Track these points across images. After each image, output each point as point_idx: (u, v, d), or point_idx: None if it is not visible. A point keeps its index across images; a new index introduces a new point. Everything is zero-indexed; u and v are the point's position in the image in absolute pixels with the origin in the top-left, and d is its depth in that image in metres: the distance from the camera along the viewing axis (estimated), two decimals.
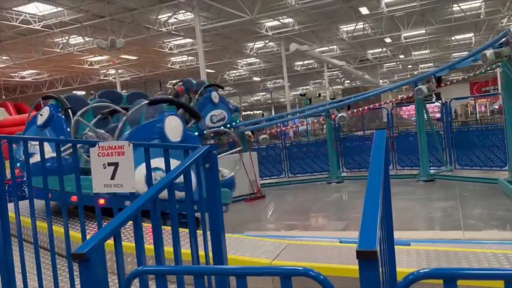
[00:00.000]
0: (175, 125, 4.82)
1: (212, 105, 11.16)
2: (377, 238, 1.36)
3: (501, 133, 10.51)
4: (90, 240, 1.83)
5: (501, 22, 25.95)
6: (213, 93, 11.24)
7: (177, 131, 4.80)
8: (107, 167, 2.75)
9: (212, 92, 11.25)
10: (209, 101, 11.16)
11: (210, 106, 11.14)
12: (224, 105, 11.55)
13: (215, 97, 11.22)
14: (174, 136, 4.75)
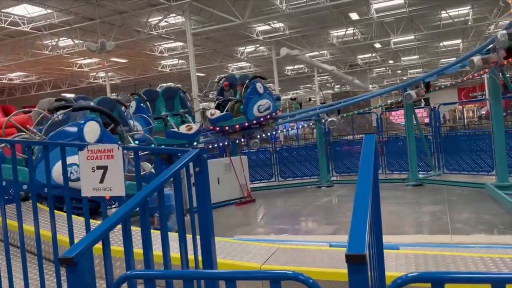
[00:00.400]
0: (93, 128, 5.54)
1: (258, 95, 11.66)
2: (366, 242, 1.37)
3: (488, 139, 10.66)
4: (78, 244, 1.81)
5: (488, 28, 26.34)
6: (258, 84, 11.73)
7: (95, 133, 5.50)
8: (96, 171, 2.73)
9: (256, 84, 11.73)
10: (255, 92, 11.65)
11: (256, 97, 11.64)
12: (268, 95, 12.08)
13: (259, 88, 11.71)
14: (90, 138, 5.45)
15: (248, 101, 11.57)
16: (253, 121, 11.67)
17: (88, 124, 5.58)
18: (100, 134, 5.60)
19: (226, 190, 11.22)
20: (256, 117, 11.64)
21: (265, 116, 11.79)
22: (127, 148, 3.02)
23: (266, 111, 11.75)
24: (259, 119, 11.71)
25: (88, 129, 5.56)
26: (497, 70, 8.98)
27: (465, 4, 21.64)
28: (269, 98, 11.94)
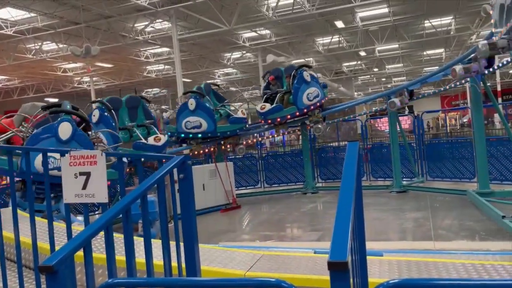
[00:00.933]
0: (66, 128, 6.64)
1: (306, 84, 11.61)
2: (348, 249, 1.38)
3: (470, 146, 10.85)
4: (59, 252, 1.79)
5: (470, 38, 26.91)
6: (305, 73, 11.67)
7: (67, 132, 6.62)
8: (79, 177, 2.70)
9: (303, 72, 11.66)
10: (302, 81, 11.60)
11: (304, 85, 11.59)
12: (316, 83, 11.97)
13: (307, 76, 11.65)
14: (64, 135, 6.61)
15: (297, 90, 11.55)
16: (304, 110, 11.65)
17: (62, 124, 6.67)
18: (72, 132, 6.66)
19: (212, 196, 11.18)
20: (306, 105, 11.62)
21: (315, 104, 11.74)
22: (111, 154, 2.99)
23: (315, 99, 11.71)
24: (309, 107, 11.68)
25: (62, 128, 6.64)
26: (478, 79, 9.17)
27: (448, 14, 22.10)
28: (317, 86, 11.88)
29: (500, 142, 10.73)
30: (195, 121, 11.05)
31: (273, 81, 12.50)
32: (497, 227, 7.05)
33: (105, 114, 8.75)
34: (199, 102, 10.99)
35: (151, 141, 9.28)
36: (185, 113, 11.17)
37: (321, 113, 12.10)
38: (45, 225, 4.10)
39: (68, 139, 6.56)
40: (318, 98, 11.81)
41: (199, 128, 11.09)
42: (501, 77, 33.82)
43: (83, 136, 6.74)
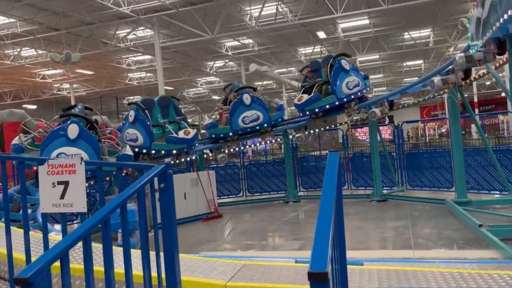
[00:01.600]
0: (73, 128, 7.85)
1: (345, 72, 11.11)
2: (329, 259, 1.39)
3: (448, 156, 11.06)
4: (35, 263, 1.74)
5: (448, 50, 27.59)
6: (343, 61, 11.19)
7: (74, 132, 7.83)
8: (57, 186, 2.65)
9: (341, 61, 11.20)
10: (341, 70, 11.12)
11: (343, 74, 11.09)
12: (355, 71, 11.47)
13: (345, 64, 11.17)
14: (72, 134, 7.83)
15: (335, 79, 11.04)
16: (344, 99, 11.07)
17: (70, 126, 7.89)
18: (78, 132, 7.85)
19: (193, 205, 11.10)
20: (346, 94, 11.04)
21: (356, 93, 11.15)
22: (90, 163, 2.95)
23: (355, 88, 11.13)
24: (350, 96, 11.10)
25: (70, 129, 7.86)
26: (455, 90, 9.38)
27: (427, 27, 22.64)
28: (356, 75, 11.36)
29: (477, 152, 10.97)
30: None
31: (309, 74, 12.09)
32: (474, 236, 7.18)
33: (140, 114, 9.83)
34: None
35: (181, 135, 10.14)
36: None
37: (357, 105, 11.41)
38: (21, 235, 4.01)
39: (75, 138, 7.81)
40: (359, 87, 11.16)
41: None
42: (477, 89, 34.71)
43: (89, 135, 7.98)
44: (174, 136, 10.17)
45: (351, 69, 11.31)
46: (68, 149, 7.81)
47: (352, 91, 11.15)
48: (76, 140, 7.80)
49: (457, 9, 19.03)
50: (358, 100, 11.40)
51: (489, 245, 6.46)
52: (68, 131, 7.82)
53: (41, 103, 33.93)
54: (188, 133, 10.22)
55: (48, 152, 7.66)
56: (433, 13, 19.88)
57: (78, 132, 7.85)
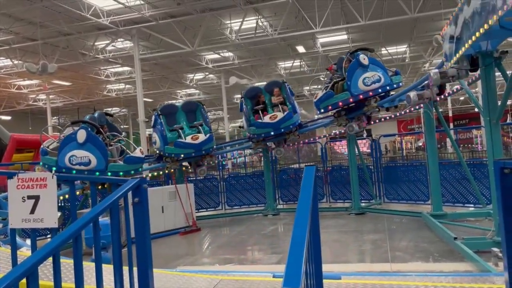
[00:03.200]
0: (82, 134, 8.89)
1: (362, 67, 10.45)
2: (302, 275, 1.37)
3: (425, 169, 11.25)
4: (1, 281, 1.68)
5: (424, 66, 28.29)
6: (361, 56, 10.54)
7: (83, 136, 8.87)
8: (27, 200, 2.57)
9: (359, 55, 10.56)
10: (358, 65, 10.47)
11: (360, 69, 10.45)
12: (377, 66, 10.69)
13: (363, 59, 10.49)
14: (80, 139, 8.86)
15: (351, 74, 10.39)
16: (359, 96, 10.33)
17: (79, 132, 8.92)
18: (86, 137, 8.85)
19: (171, 219, 10.95)
20: (362, 91, 10.30)
21: (375, 89, 10.31)
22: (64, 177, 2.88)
23: (374, 84, 10.30)
24: (367, 93, 10.31)
25: (79, 134, 8.87)
26: (431, 105, 9.59)
27: (403, 43, 23.20)
28: (378, 69, 10.54)
29: (452, 165, 11.19)
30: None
31: (333, 71, 11.63)
32: (449, 249, 7.28)
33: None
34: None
35: (188, 140, 10.69)
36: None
37: (377, 102, 10.64)
38: None
39: (84, 141, 8.80)
40: (379, 83, 10.33)
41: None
42: (452, 104, 35.59)
43: (96, 139, 8.90)
44: (180, 141, 10.74)
45: (371, 64, 10.59)
46: (78, 152, 8.85)
47: (369, 88, 10.32)
48: (84, 144, 8.79)
49: (432, 26, 19.59)
50: (379, 97, 10.62)
51: (464, 258, 6.56)
52: (78, 136, 8.86)
53: (16, 114, 33.16)
54: (196, 138, 10.73)
55: (63, 155, 8.91)
56: (409, 30, 20.41)
57: (85, 137, 8.82)
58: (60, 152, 9.04)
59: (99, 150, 8.88)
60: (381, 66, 10.85)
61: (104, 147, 8.95)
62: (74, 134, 8.98)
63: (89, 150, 8.87)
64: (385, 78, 10.52)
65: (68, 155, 8.91)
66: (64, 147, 8.97)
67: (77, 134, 8.93)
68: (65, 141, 9.05)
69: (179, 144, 10.76)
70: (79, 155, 8.88)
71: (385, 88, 10.50)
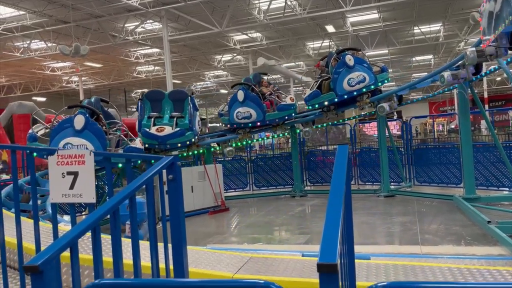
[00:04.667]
0: (80, 119, 7.98)
1: (347, 68, 10.88)
2: (338, 251, 1.38)
3: (457, 152, 10.97)
4: (45, 252, 1.76)
5: (458, 45, 27.29)
6: (347, 56, 10.95)
7: (81, 122, 7.94)
8: (66, 176, 2.67)
9: (346, 56, 10.95)
10: (343, 65, 10.90)
11: (345, 70, 10.89)
12: (362, 66, 11.08)
13: (349, 60, 10.90)
14: (78, 125, 7.94)
15: (336, 75, 10.92)
16: (344, 96, 10.96)
17: (77, 117, 8.02)
18: (84, 123, 7.96)
19: (200, 198, 11.14)
20: (346, 91, 10.89)
21: (359, 90, 10.89)
22: (98, 153, 2.97)
23: (358, 85, 10.85)
24: (352, 93, 10.92)
25: (77, 119, 7.99)
26: (466, 85, 9.29)
27: (437, 21, 22.38)
28: (363, 69, 10.98)
29: (486, 148, 10.87)
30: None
31: (321, 67, 11.98)
32: (482, 232, 7.13)
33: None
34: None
35: (153, 131, 10.17)
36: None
37: (370, 98, 11.16)
38: (31, 225, 4.05)
39: (81, 128, 7.90)
40: (363, 83, 10.88)
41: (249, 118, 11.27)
42: (488, 84, 34.35)
43: (95, 126, 8.06)
44: (145, 130, 10.26)
45: (356, 64, 10.98)
46: (74, 139, 7.79)
47: (354, 88, 10.91)
48: (82, 131, 7.84)
49: (468, 3, 18.79)
50: (370, 93, 11.15)
51: (497, 242, 6.41)
52: (75, 122, 7.94)
53: (51, 96, 34.15)
54: (162, 130, 10.02)
55: (56, 142, 7.80)
56: (444, 8, 19.65)
57: (84, 123, 7.94)
58: (52, 138, 8.04)
59: (97, 139, 7.88)
60: (367, 65, 11.27)
61: (103, 136, 8.02)
62: (71, 120, 8.02)
63: (86, 138, 7.84)
64: (370, 78, 11.02)
65: (62, 143, 7.79)
66: (58, 133, 7.94)
67: (74, 119, 7.95)
68: (59, 127, 8.08)
69: (144, 133, 10.25)
70: (75, 143, 7.79)
71: (369, 87, 11.04)
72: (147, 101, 11.02)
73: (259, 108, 11.34)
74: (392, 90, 12.04)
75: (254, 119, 11.40)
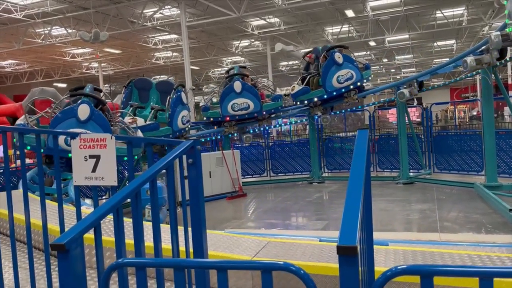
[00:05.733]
0: (84, 109, 7.35)
1: (337, 66, 11.26)
2: (357, 234, 1.38)
3: (479, 139, 10.76)
4: (70, 231, 1.81)
5: (482, 30, 26.51)
6: (336, 54, 11.30)
7: (85, 112, 7.33)
8: (88, 160, 2.72)
9: (335, 53, 11.31)
10: (333, 63, 11.27)
11: (334, 67, 11.26)
12: (350, 64, 11.50)
13: (338, 57, 11.27)
14: (82, 115, 7.32)
15: (326, 72, 11.27)
16: (333, 93, 11.35)
17: (80, 106, 7.37)
18: (89, 113, 7.36)
19: (218, 183, 11.23)
20: (335, 88, 11.28)
21: (347, 87, 11.32)
22: (121, 138, 3.02)
23: (347, 82, 11.30)
24: (340, 90, 11.35)
25: (81, 109, 7.34)
26: (489, 71, 9.06)
27: (460, 5, 21.76)
28: (351, 67, 11.42)
29: (510, 135, 10.66)
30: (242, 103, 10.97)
31: (312, 60, 12.17)
32: (503, 220, 7.03)
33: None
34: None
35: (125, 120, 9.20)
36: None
37: (357, 94, 11.62)
38: (54, 208, 4.16)
39: (86, 119, 7.29)
40: (351, 80, 11.27)
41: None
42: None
43: (100, 117, 7.47)
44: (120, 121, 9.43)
45: (345, 62, 11.33)
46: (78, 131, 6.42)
47: (342, 85, 11.30)
48: (86, 122, 7.22)
49: None
50: (357, 90, 11.61)
51: None
52: (79, 112, 7.28)
53: (71, 82, 34.63)
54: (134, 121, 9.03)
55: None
56: None
57: (89, 113, 7.31)
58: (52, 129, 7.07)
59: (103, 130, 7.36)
60: (352, 62, 11.62)
61: (109, 127, 7.50)
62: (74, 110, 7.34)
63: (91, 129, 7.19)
64: (357, 75, 11.43)
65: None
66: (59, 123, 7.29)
67: (77, 109, 7.30)
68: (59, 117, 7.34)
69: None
70: None
71: (356, 84, 11.45)
72: (135, 89, 10.50)
73: (256, 99, 11.24)
74: (413, 76, 11.85)
75: (252, 110, 11.22)
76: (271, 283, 1.49)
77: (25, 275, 3.35)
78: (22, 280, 3.13)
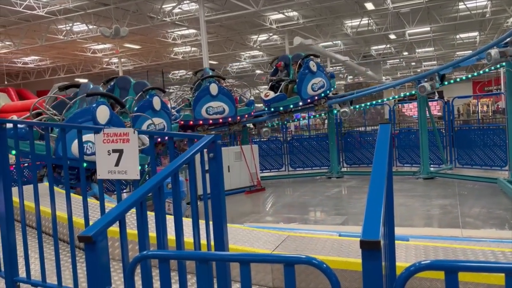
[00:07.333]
0: (104, 111, 6.68)
1: (311, 74, 11.72)
2: (380, 229, 1.38)
3: (503, 133, 10.53)
4: (96, 224, 1.85)
5: (507, 21, 25.82)
6: (311, 62, 11.77)
7: (105, 115, 6.66)
8: (112, 154, 2.77)
9: (310, 62, 11.75)
10: (308, 71, 11.72)
11: (309, 75, 11.72)
12: (322, 73, 12.03)
13: (313, 66, 11.74)
14: (102, 119, 6.62)
15: (301, 80, 11.63)
16: (307, 100, 11.75)
17: (100, 108, 6.66)
18: (109, 116, 6.75)
19: (236, 178, 11.29)
20: (310, 96, 11.71)
21: (320, 94, 11.83)
22: (143, 132, 3.08)
23: (320, 90, 11.79)
24: (314, 98, 11.78)
25: (100, 111, 6.66)
26: None
27: None
28: (322, 76, 11.91)
29: None
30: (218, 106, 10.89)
31: (281, 68, 12.41)
32: None
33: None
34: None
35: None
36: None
37: (327, 102, 12.21)
38: (78, 201, 4.25)
39: (105, 123, 6.54)
40: (323, 88, 11.85)
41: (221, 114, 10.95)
42: None
43: (119, 120, 6.93)
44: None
45: (318, 70, 11.75)
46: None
47: (316, 93, 11.73)
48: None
49: None
50: (326, 98, 12.13)
51: None
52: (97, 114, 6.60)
53: (92, 77, 35.14)
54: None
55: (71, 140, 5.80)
56: None
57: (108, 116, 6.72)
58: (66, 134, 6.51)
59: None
60: (323, 71, 12.11)
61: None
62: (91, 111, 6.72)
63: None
64: (327, 83, 12.00)
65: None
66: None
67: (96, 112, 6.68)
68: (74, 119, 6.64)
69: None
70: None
71: (326, 92, 12.06)
72: (117, 88, 9.72)
73: (231, 103, 11.15)
74: (434, 69, 11.66)
75: (227, 114, 11.02)
76: (294, 277, 1.50)
77: (50, 266, 3.44)
78: (48, 271, 3.22)
